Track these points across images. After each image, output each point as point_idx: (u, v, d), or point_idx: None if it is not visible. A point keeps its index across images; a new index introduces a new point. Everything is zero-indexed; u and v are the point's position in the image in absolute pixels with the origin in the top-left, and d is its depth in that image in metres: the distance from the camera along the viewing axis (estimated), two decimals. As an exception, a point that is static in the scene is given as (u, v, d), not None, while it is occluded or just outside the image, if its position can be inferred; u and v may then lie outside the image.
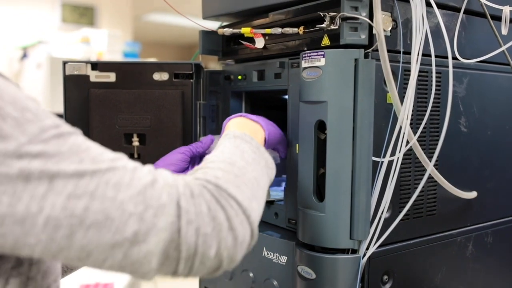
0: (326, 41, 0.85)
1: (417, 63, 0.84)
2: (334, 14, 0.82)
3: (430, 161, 0.87)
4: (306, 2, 0.89)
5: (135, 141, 0.97)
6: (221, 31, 1.02)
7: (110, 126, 0.97)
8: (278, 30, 0.92)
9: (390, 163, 0.84)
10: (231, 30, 1.00)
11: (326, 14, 0.82)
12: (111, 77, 0.98)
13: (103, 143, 0.60)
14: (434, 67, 0.86)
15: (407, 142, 0.84)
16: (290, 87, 0.94)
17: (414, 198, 0.87)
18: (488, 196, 1.06)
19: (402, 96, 0.85)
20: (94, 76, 0.97)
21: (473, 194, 1.01)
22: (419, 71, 0.86)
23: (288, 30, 0.91)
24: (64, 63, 0.98)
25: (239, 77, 1.06)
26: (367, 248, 0.84)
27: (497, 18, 0.98)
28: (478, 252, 1.05)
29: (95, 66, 0.98)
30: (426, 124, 0.89)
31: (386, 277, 0.88)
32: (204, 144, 0.93)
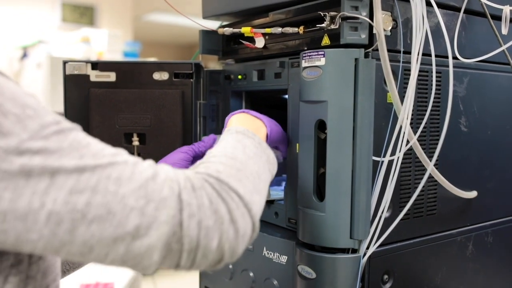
0: (326, 40, 0.85)
1: (417, 63, 0.84)
2: (334, 13, 0.82)
3: (430, 160, 0.87)
4: (306, 2, 0.89)
5: (135, 140, 0.97)
6: (221, 31, 1.02)
7: (110, 126, 0.97)
8: (278, 30, 0.92)
9: (390, 163, 0.84)
10: (231, 29, 1.00)
11: (326, 13, 0.82)
12: (111, 76, 0.98)
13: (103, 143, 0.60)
14: (434, 67, 0.86)
15: (407, 142, 0.84)
16: (290, 87, 0.94)
17: (414, 197, 0.87)
18: (488, 195, 1.06)
19: (402, 95, 0.85)
20: (94, 75, 0.97)
21: (473, 194, 1.01)
22: (419, 71, 0.86)
23: (288, 29, 0.91)
24: (64, 63, 0.98)
25: (239, 76, 1.06)
26: (367, 247, 0.84)
27: (497, 17, 0.98)
28: (478, 251, 1.05)
29: (95, 65, 0.98)
30: (426, 123, 0.89)
31: (386, 276, 0.88)
32: (206, 143, 0.92)
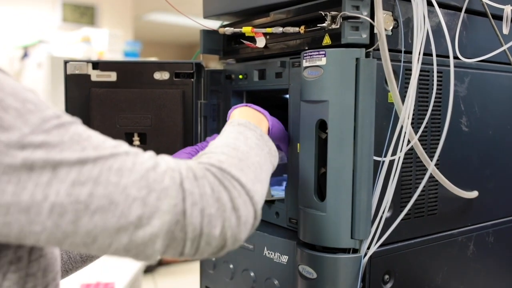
0: (327, 40, 0.85)
1: (418, 63, 0.84)
2: (335, 13, 0.81)
3: (431, 160, 0.87)
4: (307, 2, 0.89)
5: (136, 140, 0.97)
6: (222, 31, 1.02)
7: (111, 125, 0.97)
8: (279, 30, 0.92)
9: (391, 163, 0.84)
10: (232, 29, 1.00)
11: (327, 13, 0.82)
12: (112, 76, 0.98)
13: None
14: (435, 67, 0.86)
15: (408, 142, 0.84)
16: (291, 87, 0.94)
17: (415, 197, 0.87)
18: (489, 195, 1.06)
19: (403, 95, 0.85)
20: (95, 75, 0.97)
21: (474, 194, 1.01)
22: (420, 71, 0.86)
23: (289, 29, 0.91)
24: (65, 63, 0.98)
25: (240, 76, 1.06)
26: (368, 247, 0.84)
27: (498, 17, 0.98)
28: (479, 251, 1.04)
29: (96, 65, 0.98)
30: (427, 123, 0.89)
31: (387, 276, 0.88)
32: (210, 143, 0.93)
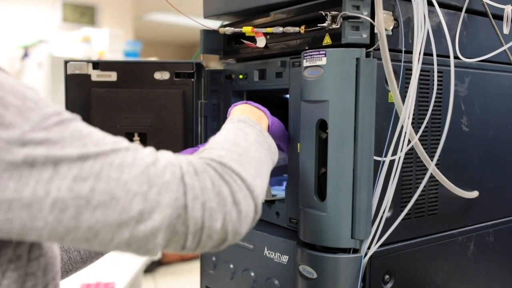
0: (327, 40, 0.85)
1: (418, 62, 0.84)
2: (336, 13, 0.81)
3: (432, 160, 0.87)
4: (307, 1, 0.89)
5: (136, 140, 0.97)
6: (222, 30, 1.02)
7: (111, 125, 0.97)
8: (280, 29, 0.92)
9: (391, 163, 0.84)
10: (232, 29, 1.00)
11: (328, 13, 0.82)
12: (113, 76, 0.98)
13: None
14: (435, 66, 0.86)
15: (409, 142, 0.84)
16: (291, 86, 0.94)
17: (415, 197, 0.87)
18: (489, 195, 1.06)
19: (403, 95, 0.85)
20: (96, 75, 0.97)
21: (474, 194, 1.01)
22: (421, 70, 0.85)
23: (289, 29, 0.91)
24: (65, 62, 0.98)
25: (240, 76, 1.06)
26: (369, 247, 0.84)
27: (499, 17, 0.98)
28: (479, 252, 1.04)
29: (97, 65, 0.98)
30: (427, 123, 0.89)
31: (387, 276, 0.88)
32: None
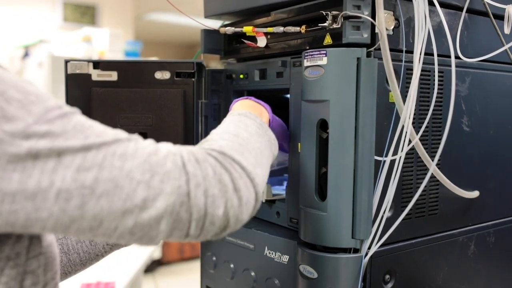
0: (328, 40, 0.85)
1: (419, 62, 0.84)
2: (337, 13, 0.81)
3: (433, 160, 0.87)
4: (308, 1, 0.89)
5: (137, 139, 0.97)
6: (223, 30, 1.02)
7: (112, 125, 0.95)
8: (280, 29, 0.92)
9: (392, 162, 0.84)
10: (233, 29, 1.00)
11: (329, 13, 0.82)
12: (113, 76, 0.97)
13: None
14: (436, 66, 0.86)
15: (409, 141, 0.84)
16: (292, 86, 0.94)
17: (416, 197, 0.87)
18: (490, 195, 1.06)
19: (404, 95, 0.85)
20: (96, 75, 0.97)
21: (475, 194, 1.01)
22: (422, 70, 0.85)
23: (290, 29, 0.91)
24: (66, 62, 0.98)
25: (241, 76, 1.06)
26: (369, 247, 0.84)
27: (499, 17, 0.98)
28: (480, 251, 1.04)
29: (97, 65, 0.98)
30: (428, 123, 0.89)
31: (388, 276, 0.88)
32: None
